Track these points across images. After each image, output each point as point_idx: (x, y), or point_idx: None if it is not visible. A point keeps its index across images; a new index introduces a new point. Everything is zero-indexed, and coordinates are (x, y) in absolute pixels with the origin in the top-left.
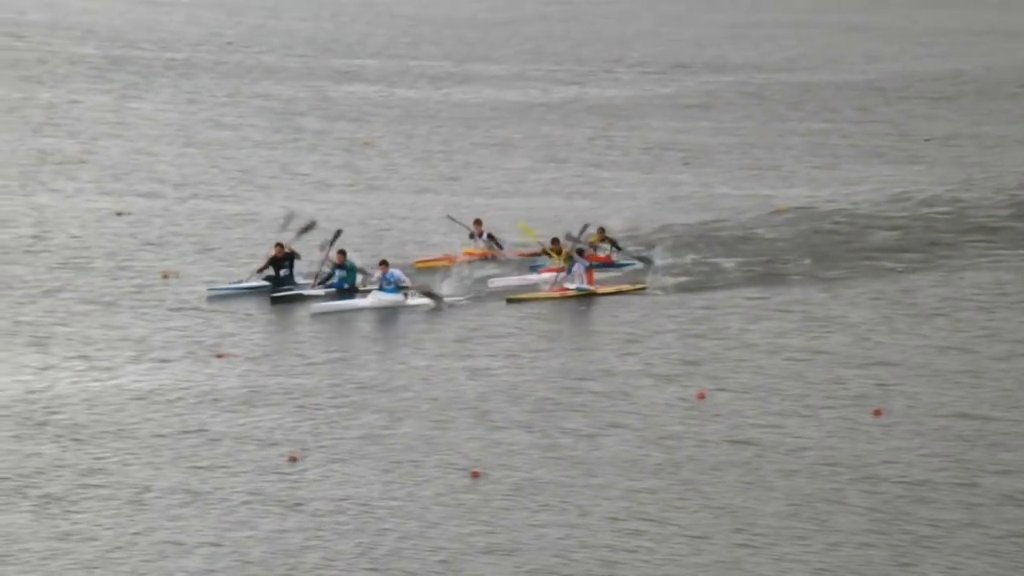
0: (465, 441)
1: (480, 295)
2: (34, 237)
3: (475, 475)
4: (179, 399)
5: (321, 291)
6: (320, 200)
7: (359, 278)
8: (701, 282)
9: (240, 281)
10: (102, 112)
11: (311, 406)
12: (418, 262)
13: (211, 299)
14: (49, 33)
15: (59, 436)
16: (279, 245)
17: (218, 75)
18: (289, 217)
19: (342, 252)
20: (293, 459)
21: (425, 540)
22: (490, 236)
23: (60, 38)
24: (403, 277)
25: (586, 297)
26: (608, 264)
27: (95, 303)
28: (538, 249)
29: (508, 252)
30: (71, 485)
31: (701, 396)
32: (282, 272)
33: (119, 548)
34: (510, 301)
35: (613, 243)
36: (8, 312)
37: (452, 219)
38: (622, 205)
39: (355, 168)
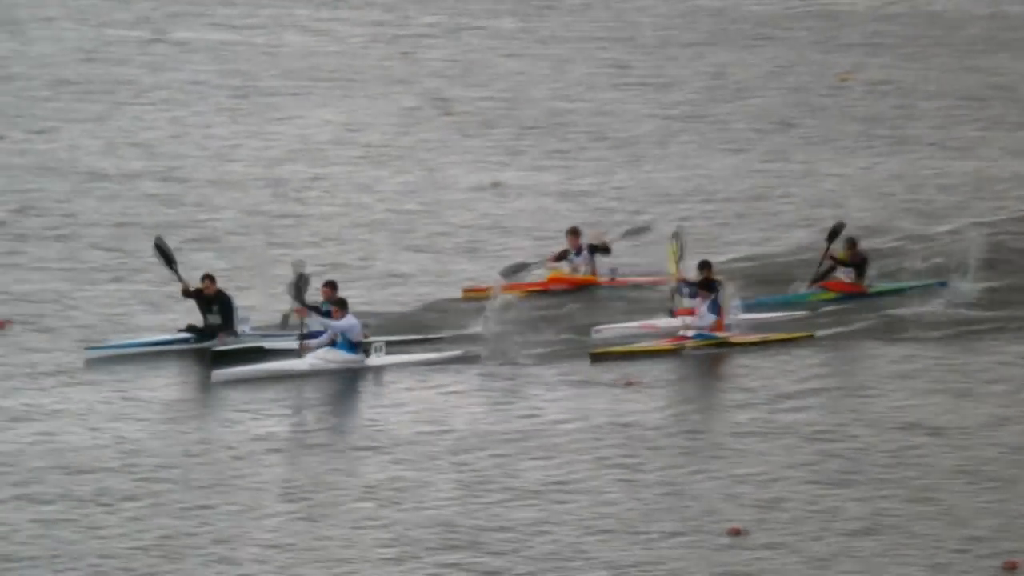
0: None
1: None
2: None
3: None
4: (585, 431)
5: (285, 343)
6: (802, 160)
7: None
8: None
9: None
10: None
11: (741, 452)
12: (466, 290)
13: (91, 362)
14: None
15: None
16: (208, 278)
17: None
18: (299, 271)
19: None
20: (736, 532)
21: None
22: (592, 249)
23: None
24: (357, 327)
25: (716, 347)
26: (859, 295)
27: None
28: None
29: (620, 277)
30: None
31: None
32: (211, 319)
33: None
34: (595, 358)
35: (864, 262)
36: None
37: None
38: None
39: (842, 115)
